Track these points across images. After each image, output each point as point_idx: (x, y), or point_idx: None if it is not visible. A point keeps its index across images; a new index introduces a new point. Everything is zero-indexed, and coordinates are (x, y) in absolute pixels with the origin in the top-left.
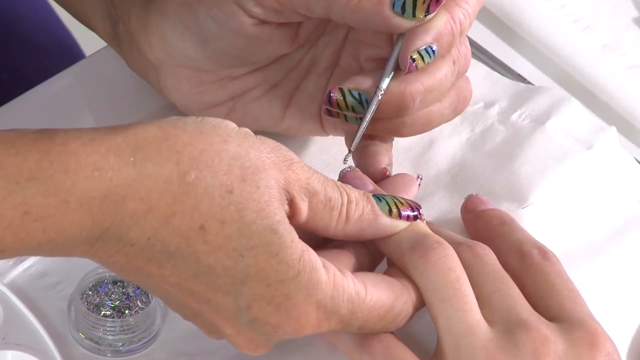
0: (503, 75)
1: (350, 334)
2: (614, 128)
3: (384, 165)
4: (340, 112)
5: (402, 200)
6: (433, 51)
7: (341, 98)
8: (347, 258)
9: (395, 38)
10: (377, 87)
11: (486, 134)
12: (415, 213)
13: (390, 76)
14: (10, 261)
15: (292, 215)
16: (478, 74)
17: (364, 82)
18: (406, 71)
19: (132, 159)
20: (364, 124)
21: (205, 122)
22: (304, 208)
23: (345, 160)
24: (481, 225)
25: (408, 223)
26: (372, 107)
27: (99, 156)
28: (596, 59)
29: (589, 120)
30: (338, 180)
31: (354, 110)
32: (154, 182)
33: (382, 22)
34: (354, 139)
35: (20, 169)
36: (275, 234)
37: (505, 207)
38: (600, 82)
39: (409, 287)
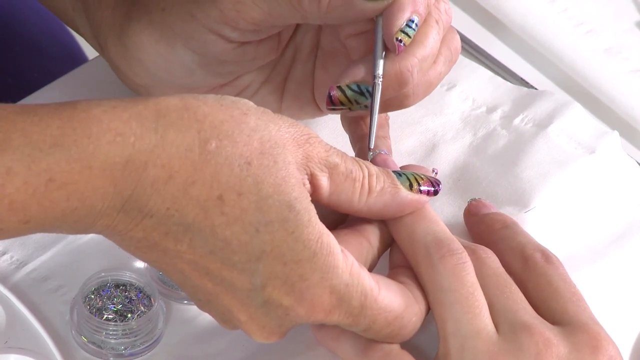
0: (506, 79)
1: (352, 341)
2: (616, 132)
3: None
4: (345, 107)
5: (422, 176)
6: (415, 24)
7: (342, 94)
8: (357, 240)
9: (375, 20)
10: (374, 75)
11: (489, 139)
12: (436, 188)
13: (382, 58)
14: (13, 265)
15: (314, 191)
16: (481, 78)
17: (358, 73)
18: (397, 53)
19: (154, 126)
20: (374, 116)
21: (225, 97)
22: (324, 181)
23: (369, 158)
24: (484, 229)
25: (429, 198)
26: (377, 97)
27: (120, 122)
28: (599, 63)
29: (591, 124)
30: None
31: (357, 102)
32: (175, 149)
33: (357, 13)
34: (369, 137)
35: (44, 136)
36: (291, 210)
37: (508, 211)
38: (602, 86)
39: (420, 301)
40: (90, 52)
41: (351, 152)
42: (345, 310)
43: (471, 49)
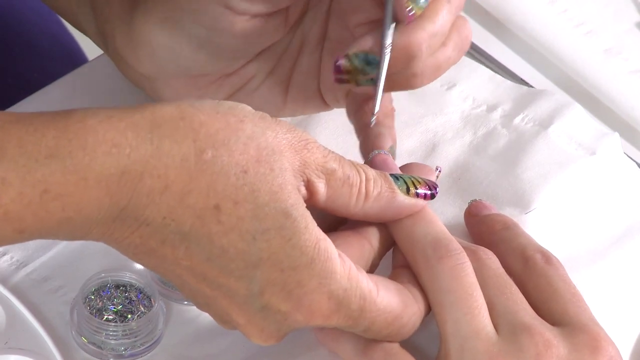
0: (506, 79)
1: (352, 341)
2: (616, 134)
3: (387, 148)
4: (352, 78)
5: (420, 180)
6: None
7: (349, 63)
8: (358, 242)
9: None
10: (382, 44)
11: (489, 137)
12: (433, 192)
13: (392, 29)
14: (13, 265)
15: (310, 196)
16: (481, 77)
17: (366, 43)
18: (406, 22)
19: (149, 136)
20: (381, 82)
21: (222, 104)
22: (321, 187)
23: (371, 123)
24: (484, 230)
25: (426, 202)
26: (384, 65)
27: (116, 133)
28: (599, 64)
29: (592, 126)
30: (366, 162)
31: (364, 73)
32: (171, 159)
33: None
34: (375, 101)
35: (39, 147)
36: (288, 218)
37: (509, 213)
38: (602, 86)
39: (420, 300)
40: (90, 52)
41: (351, 154)
42: (344, 314)
43: (471, 49)
